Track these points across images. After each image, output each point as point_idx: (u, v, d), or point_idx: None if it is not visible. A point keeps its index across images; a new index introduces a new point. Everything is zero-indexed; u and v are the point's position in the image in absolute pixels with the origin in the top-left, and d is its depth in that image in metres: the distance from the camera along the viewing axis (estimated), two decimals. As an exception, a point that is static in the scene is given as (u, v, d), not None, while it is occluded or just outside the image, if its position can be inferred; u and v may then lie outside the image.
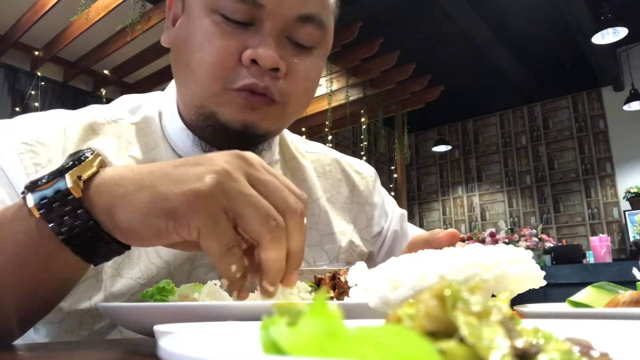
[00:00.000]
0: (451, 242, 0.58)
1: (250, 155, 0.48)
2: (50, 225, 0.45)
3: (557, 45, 5.92)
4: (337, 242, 0.83)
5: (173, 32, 0.72)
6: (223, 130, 0.68)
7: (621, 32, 4.88)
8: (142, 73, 5.40)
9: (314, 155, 0.91)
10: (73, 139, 0.69)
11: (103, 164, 0.48)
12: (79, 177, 0.45)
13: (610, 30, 4.85)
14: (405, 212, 0.97)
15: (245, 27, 0.65)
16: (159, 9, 4.18)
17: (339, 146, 7.30)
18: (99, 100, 5.43)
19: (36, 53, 5.00)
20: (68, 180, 0.45)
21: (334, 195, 0.88)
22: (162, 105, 0.78)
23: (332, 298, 0.57)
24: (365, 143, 6.49)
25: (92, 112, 0.75)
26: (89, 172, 0.46)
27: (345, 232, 0.85)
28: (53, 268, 0.48)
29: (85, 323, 0.64)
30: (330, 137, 6.70)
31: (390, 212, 0.94)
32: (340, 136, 7.37)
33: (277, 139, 0.84)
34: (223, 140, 0.70)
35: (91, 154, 0.48)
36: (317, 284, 0.61)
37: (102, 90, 5.51)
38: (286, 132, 0.90)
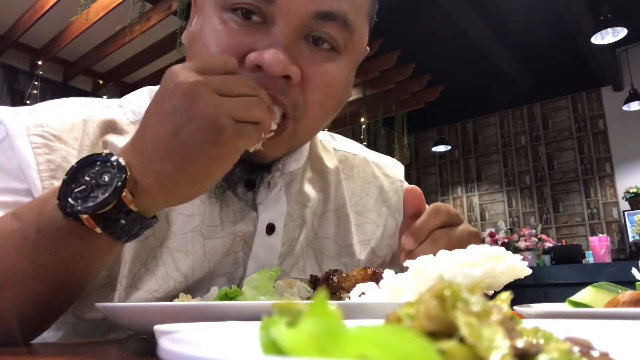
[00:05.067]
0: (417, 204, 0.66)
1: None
2: (116, 238, 0.50)
3: (556, 45, 5.92)
4: (355, 255, 0.79)
5: (189, 29, 0.67)
6: None
7: (620, 33, 4.88)
8: (142, 73, 5.40)
9: (343, 154, 0.86)
10: (91, 135, 0.65)
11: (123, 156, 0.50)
12: (132, 194, 0.48)
13: (609, 30, 4.85)
14: None
15: (255, 26, 0.58)
16: (159, 9, 4.18)
17: (338, 146, 7.30)
18: (98, 100, 5.43)
19: (36, 53, 5.00)
20: (126, 202, 0.48)
21: (363, 197, 0.84)
22: None
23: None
24: (365, 143, 6.49)
25: (114, 111, 0.70)
26: (132, 186, 0.49)
27: (369, 240, 0.82)
28: (103, 259, 0.54)
29: (99, 328, 0.64)
30: (329, 137, 6.69)
31: None
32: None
33: (305, 145, 0.77)
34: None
35: (118, 163, 0.49)
36: (314, 284, 0.61)
37: (101, 90, 5.50)
38: None
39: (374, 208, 0.84)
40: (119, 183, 0.47)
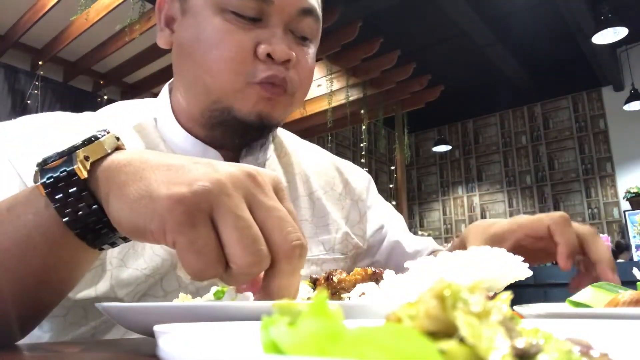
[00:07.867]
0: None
1: (262, 175, 0.42)
2: (55, 206, 0.42)
3: (557, 45, 5.92)
4: (332, 233, 0.86)
5: (176, 32, 0.74)
6: (236, 124, 0.71)
7: (621, 32, 4.88)
8: (142, 73, 5.41)
9: (308, 152, 0.94)
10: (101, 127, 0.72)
11: (118, 147, 0.46)
12: (87, 158, 0.43)
13: (610, 30, 4.86)
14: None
15: (254, 23, 0.70)
16: (159, 9, 4.18)
17: (339, 146, 7.30)
18: (99, 100, 5.43)
19: (36, 53, 5.01)
20: (75, 160, 0.42)
21: (327, 191, 0.91)
22: (156, 110, 0.79)
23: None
24: (366, 143, 6.49)
25: (89, 117, 0.77)
26: (99, 155, 0.43)
27: (340, 224, 0.88)
28: (60, 254, 0.45)
29: (91, 314, 0.65)
30: (330, 137, 6.71)
31: (389, 219, 0.96)
32: (340, 136, 7.37)
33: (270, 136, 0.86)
34: (232, 135, 0.74)
35: (105, 135, 0.45)
36: (314, 284, 0.61)
37: (102, 90, 5.51)
38: (279, 129, 0.92)
39: (337, 201, 0.92)
40: (79, 143, 0.43)
